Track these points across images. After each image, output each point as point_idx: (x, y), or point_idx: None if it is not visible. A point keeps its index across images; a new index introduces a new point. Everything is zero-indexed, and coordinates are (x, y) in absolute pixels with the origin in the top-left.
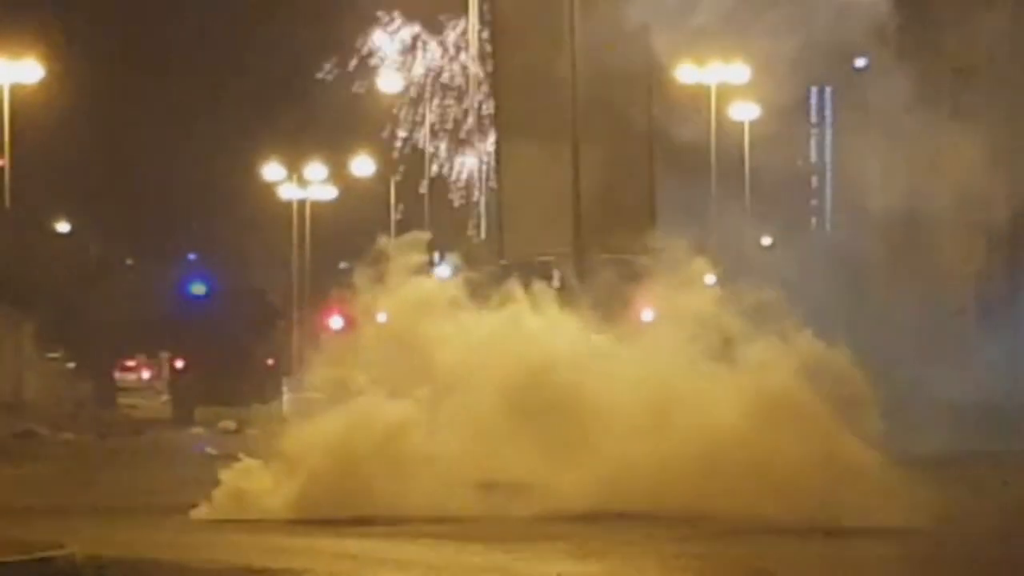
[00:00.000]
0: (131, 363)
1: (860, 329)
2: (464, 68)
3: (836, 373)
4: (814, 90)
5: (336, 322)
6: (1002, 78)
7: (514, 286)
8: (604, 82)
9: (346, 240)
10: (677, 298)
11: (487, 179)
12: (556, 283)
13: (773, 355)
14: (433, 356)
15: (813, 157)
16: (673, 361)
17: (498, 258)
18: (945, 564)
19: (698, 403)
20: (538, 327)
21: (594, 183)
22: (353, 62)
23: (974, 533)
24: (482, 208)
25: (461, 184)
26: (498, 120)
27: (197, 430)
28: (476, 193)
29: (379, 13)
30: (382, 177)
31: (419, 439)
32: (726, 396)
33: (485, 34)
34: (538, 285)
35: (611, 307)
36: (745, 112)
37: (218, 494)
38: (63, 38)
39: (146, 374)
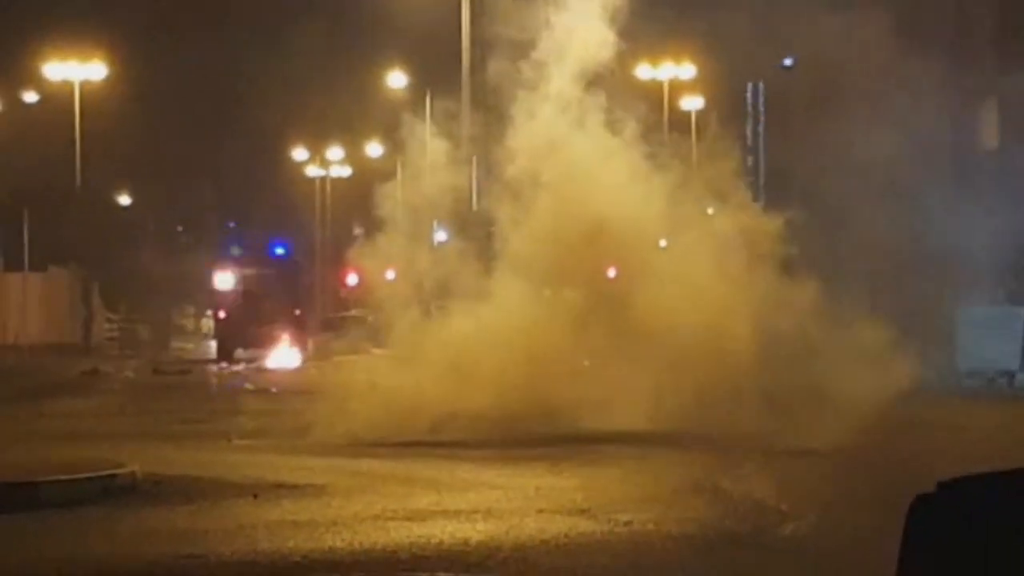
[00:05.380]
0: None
1: None
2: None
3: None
4: (749, 85)
5: (352, 279)
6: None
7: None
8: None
9: (360, 210)
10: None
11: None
12: None
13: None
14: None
15: (749, 141)
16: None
17: (488, 226)
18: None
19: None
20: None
21: None
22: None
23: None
24: (474, 183)
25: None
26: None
27: (237, 368)
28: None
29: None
30: (390, 157)
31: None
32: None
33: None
34: None
35: None
36: (692, 104)
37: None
38: (124, 42)
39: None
